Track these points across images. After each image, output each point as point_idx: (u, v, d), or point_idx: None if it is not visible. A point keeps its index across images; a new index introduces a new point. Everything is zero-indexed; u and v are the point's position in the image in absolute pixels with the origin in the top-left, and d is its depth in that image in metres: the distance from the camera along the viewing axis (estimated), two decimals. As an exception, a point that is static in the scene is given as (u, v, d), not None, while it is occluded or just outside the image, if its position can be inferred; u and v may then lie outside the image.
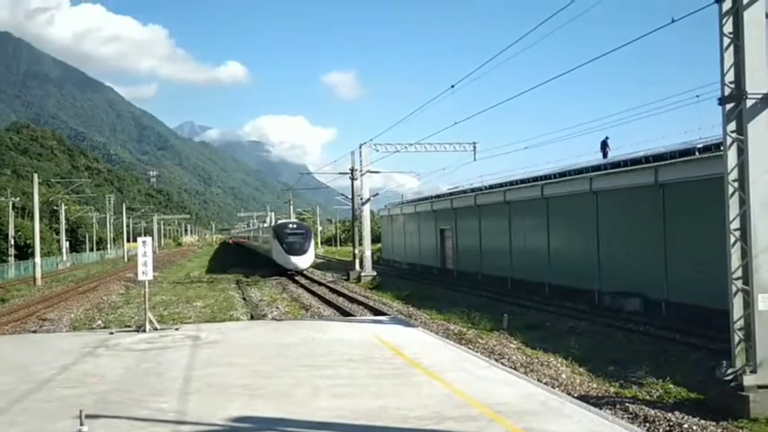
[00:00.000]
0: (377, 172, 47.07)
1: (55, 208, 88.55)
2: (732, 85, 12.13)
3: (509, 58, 20.83)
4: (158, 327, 17.82)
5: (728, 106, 12.17)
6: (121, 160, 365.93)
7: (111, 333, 17.50)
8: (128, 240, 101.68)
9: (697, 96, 22.13)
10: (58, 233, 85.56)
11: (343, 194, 54.20)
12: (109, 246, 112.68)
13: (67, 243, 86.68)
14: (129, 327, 20.11)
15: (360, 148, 45.64)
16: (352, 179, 46.74)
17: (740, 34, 11.94)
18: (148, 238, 18.83)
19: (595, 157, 34.13)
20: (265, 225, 77.96)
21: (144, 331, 17.23)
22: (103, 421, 8.77)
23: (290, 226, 50.49)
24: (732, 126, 12.11)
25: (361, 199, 46.85)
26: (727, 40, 12.09)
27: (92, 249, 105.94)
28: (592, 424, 8.26)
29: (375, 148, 44.88)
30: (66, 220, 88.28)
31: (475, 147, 44.28)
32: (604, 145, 34.78)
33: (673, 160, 24.03)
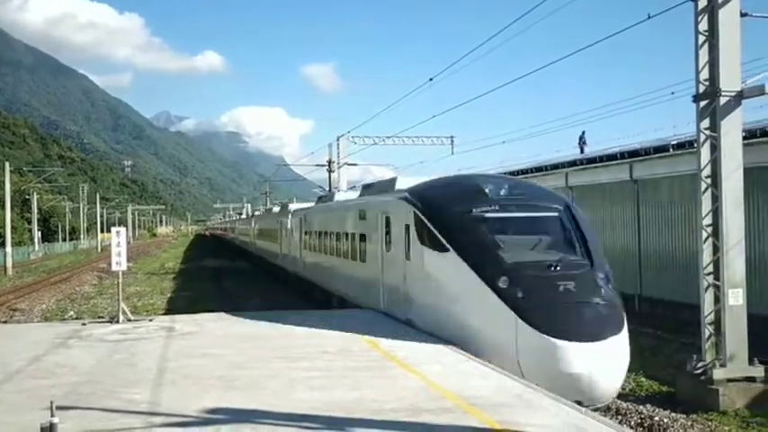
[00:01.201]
0: (354, 164, 47.04)
1: (27, 197, 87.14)
2: (706, 83, 12.28)
3: (488, 52, 20.88)
4: (132, 318, 17.63)
5: (702, 103, 12.33)
6: (95, 149, 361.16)
7: (84, 324, 17.27)
8: (101, 230, 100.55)
9: (672, 93, 22.39)
10: (29, 222, 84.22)
11: (320, 186, 54.10)
12: (82, 236, 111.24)
13: (39, 233, 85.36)
14: (102, 318, 19.88)
15: (337, 140, 45.54)
16: (330, 171, 46.63)
17: (715, 32, 12.09)
18: (122, 229, 18.59)
19: (572, 152, 34.44)
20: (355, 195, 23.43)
21: (117, 322, 17.03)
22: (75, 413, 8.66)
23: (512, 192, 12.78)
24: (706, 123, 12.27)
25: (339, 191, 46.74)
26: (702, 38, 12.23)
27: (64, 239, 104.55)
28: (567, 417, 8.31)
29: (353, 141, 44.82)
30: (39, 209, 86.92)
31: (452, 140, 44.44)
32: (581, 139, 35.10)
33: (647, 156, 24.32)
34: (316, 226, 25.29)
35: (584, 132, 35.01)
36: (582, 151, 33.89)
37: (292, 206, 36.01)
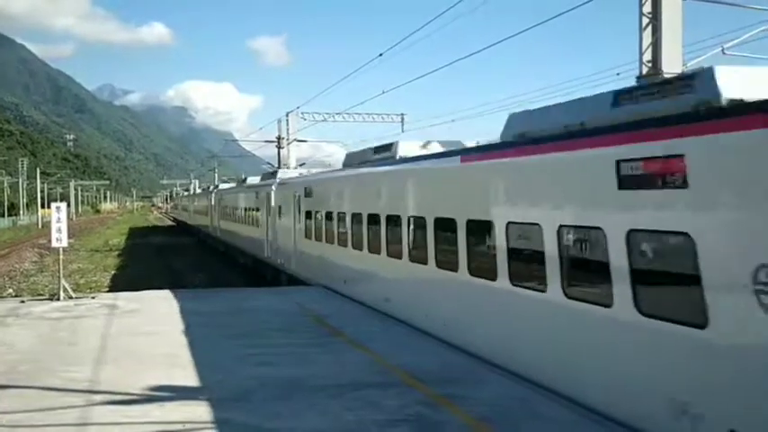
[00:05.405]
0: (304, 141, 46.64)
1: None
2: (649, 64, 12.55)
3: (439, 28, 20.82)
4: (73, 295, 17.25)
5: (645, 84, 12.57)
6: (35, 122, 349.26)
7: (23, 302, 16.84)
8: (42, 206, 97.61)
9: (617, 74, 22.79)
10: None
11: (269, 163, 53.49)
12: (22, 212, 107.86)
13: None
14: (42, 295, 19.40)
15: (287, 116, 45.04)
16: (279, 148, 46.13)
17: (658, 14, 12.34)
18: (63, 204, 18.14)
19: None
20: None
21: (58, 300, 16.64)
22: (12, 392, 8.47)
23: None
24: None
25: (288, 168, 46.36)
26: (645, 20, 12.48)
27: (3, 215, 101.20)
28: (513, 391, 8.39)
29: (302, 117, 44.45)
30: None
31: (403, 118, 44.45)
32: None
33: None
34: None
35: None
36: None
37: None
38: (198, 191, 71.83)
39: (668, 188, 6.42)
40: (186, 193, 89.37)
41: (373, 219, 14.58)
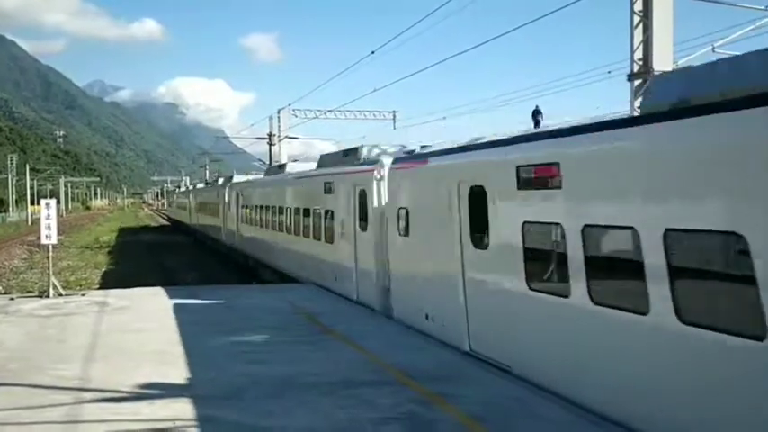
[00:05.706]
0: (295, 138, 46.56)
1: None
2: (640, 62, 12.58)
3: (430, 26, 20.81)
4: (63, 292, 17.13)
5: (636, 82, 12.63)
6: (25, 118, 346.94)
7: (12, 299, 16.72)
8: (32, 203, 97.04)
9: (609, 72, 22.82)
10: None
11: (260, 160, 53.45)
12: (11, 208, 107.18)
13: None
14: (32, 292, 19.26)
15: (278, 113, 44.96)
16: (270, 144, 46.04)
17: (649, 13, 12.36)
18: (52, 201, 18.04)
19: (513, 129, 34.62)
20: None
21: (47, 297, 16.53)
22: (2, 389, 8.39)
23: None
24: (639, 102, 12.55)
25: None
26: (636, 18, 12.50)
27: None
28: (508, 390, 8.35)
29: (294, 114, 44.39)
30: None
31: (395, 115, 44.49)
32: (536, 114, 35.16)
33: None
34: None
35: (537, 106, 34.98)
36: (537, 125, 33.87)
37: None
38: (199, 185, 63.00)
39: None
40: (184, 188, 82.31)
41: None
